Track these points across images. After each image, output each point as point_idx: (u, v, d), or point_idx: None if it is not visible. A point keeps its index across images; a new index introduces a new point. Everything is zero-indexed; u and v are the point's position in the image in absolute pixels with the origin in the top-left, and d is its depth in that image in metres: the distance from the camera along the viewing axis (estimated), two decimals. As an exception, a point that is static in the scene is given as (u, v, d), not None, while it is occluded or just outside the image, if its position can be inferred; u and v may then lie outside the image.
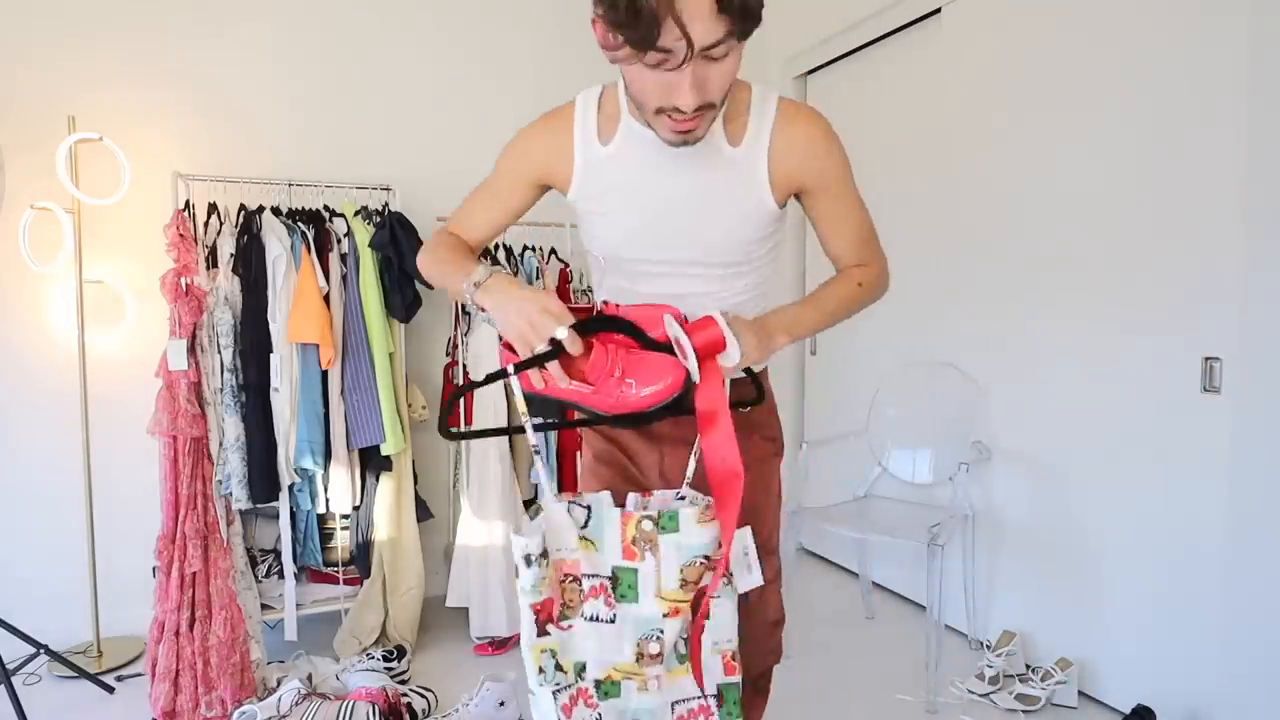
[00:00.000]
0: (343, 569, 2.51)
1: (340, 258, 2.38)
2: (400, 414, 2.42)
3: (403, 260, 2.36)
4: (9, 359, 2.48)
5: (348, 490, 2.38)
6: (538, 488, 2.41)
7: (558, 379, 0.94)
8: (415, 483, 2.54)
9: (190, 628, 2.02)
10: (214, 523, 2.09)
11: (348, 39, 2.83)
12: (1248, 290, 1.73)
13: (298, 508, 2.40)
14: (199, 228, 2.34)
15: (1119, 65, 1.99)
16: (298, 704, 1.91)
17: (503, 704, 1.99)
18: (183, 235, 2.11)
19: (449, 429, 0.95)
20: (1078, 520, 2.15)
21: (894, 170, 2.83)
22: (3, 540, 2.49)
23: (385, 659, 2.22)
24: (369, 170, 2.82)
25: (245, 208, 2.37)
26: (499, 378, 0.95)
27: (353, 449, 2.37)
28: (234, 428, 2.19)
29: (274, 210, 2.37)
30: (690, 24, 0.81)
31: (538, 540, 0.87)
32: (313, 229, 2.37)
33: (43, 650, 2.23)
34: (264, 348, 2.24)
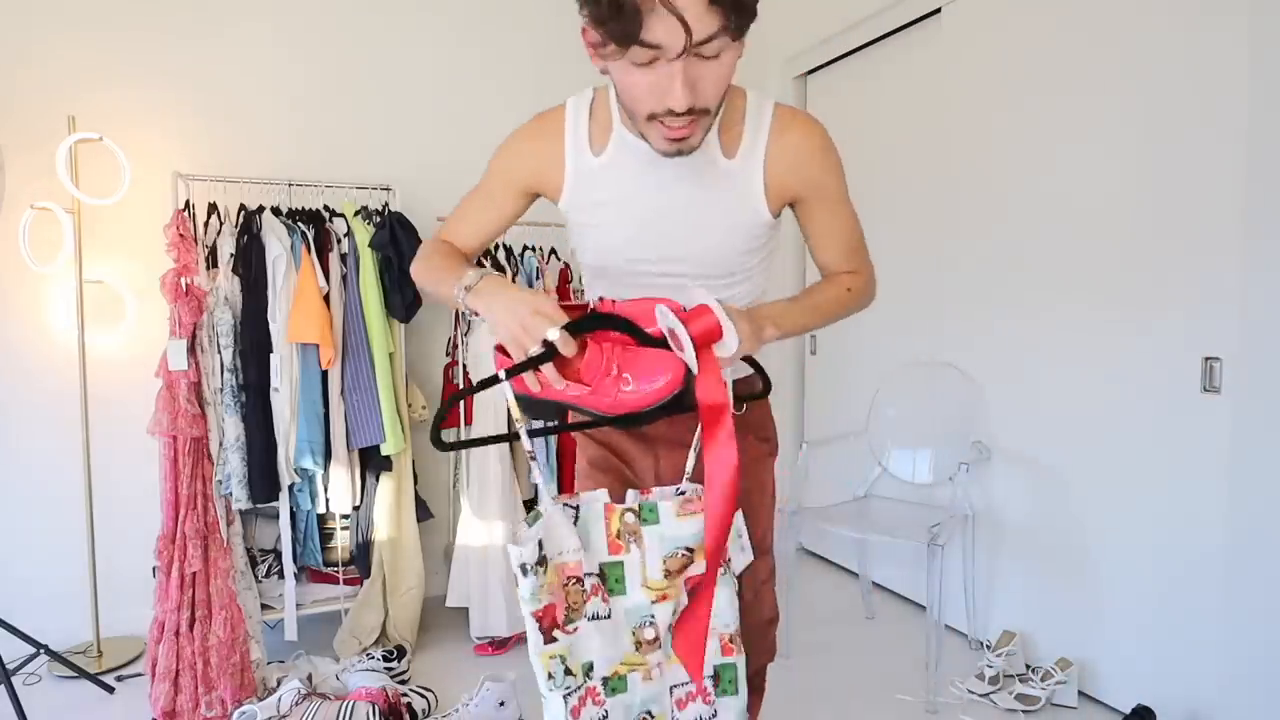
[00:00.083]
0: (343, 569, 2.51)
1: (340, 258, 2.38)
2: (400, 414, 2.42)
3: (403, 260, 2.36)
4: (9, 359, 2.48)
5: (348, 490, 2.38)
6: (537, 488, 2.41)
7: (553, 381, 0.91)
8: (415, 483, 2.54)
9: (190, 628, 2.02)
10: (214, 523, 2.09)
11: (348, 39, 2.83)
12: (1248, 290, 1.73)
13: (298, 508, 2.40)
14: (199, 228, 2.34)
15: (1119, 65, 1.99)
16: (298, 704, 1.91)
17: (503, 704, 1.99)
18: (183, 235, 2.11)
19: (441, 440, 0.91)
20: (1078, 520, 2.15)
21: (894, 170, 2.83)
22: (3, 540, 2.49)
23: (385, 659, 2.22)
24: (369, 170, 2.82)
25: (245, 208, 2.37)
26: (492, 383, 0.92)
27: (353, 449, 2.37)
28: (234, 428, 2.19)
29: (274, 210, 2.37)
30: (683, 14, 0.80)
31: (532, 549, 0.86)
32: (313, 229, 2.37)
33: (43, 650, 2.23)
34: (264, 348, 2.24)
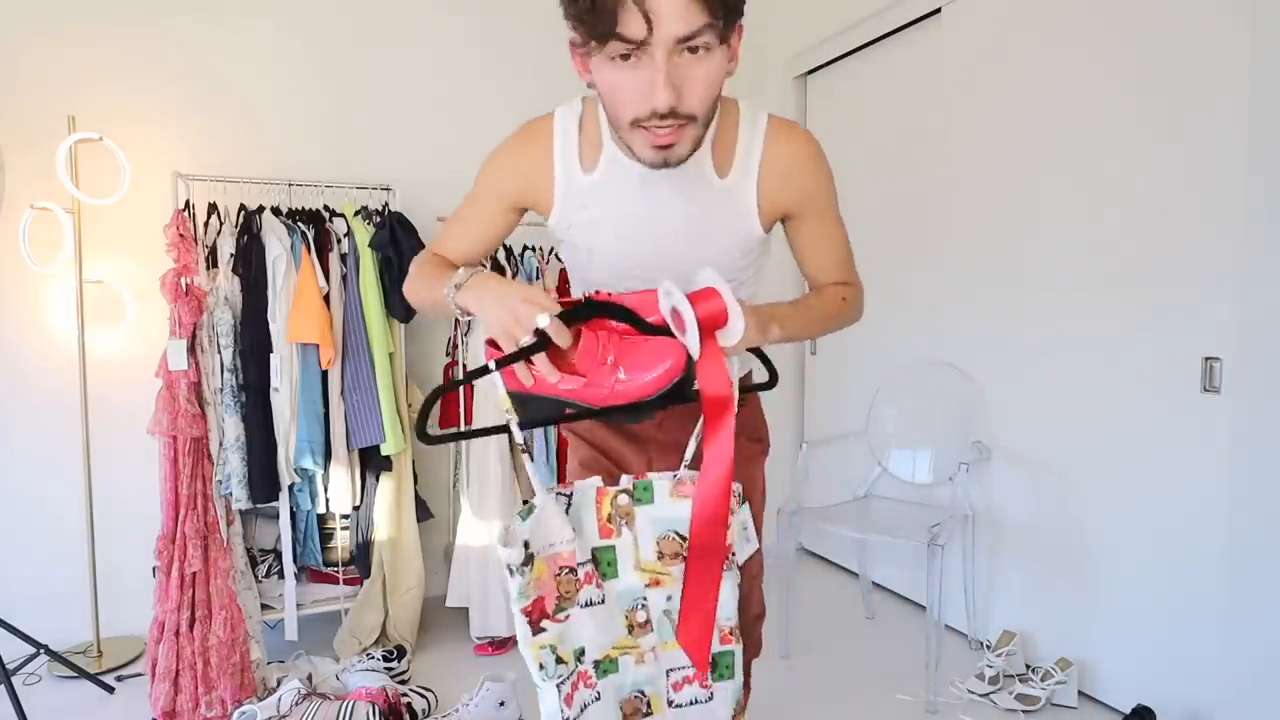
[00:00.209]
0: (343, 569, 2.51)
1: (340, 258, 2.38)
2: (400, 414, 2.42)
3: (402, 260, 2.36)
4: (9, 359, 2.48)
5: (348, 490, 2.38)
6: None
7: (546, 374, 0.88)
8: (415, 483, 2.54)
9: (190, 628, 2.02)
10: (214, 523, 2.09)
11: (348, 39, 2.83)
12: (1248, 290, 1.73)
13: (298, 508, 2.40)
14: (199, 228, 2.34)
15: (1119, 65, 1.99)
16: (298, 704, 1.91)
17: (503, 704, 1.99)
18: (183, 235, 2.11)
19: (426, 433, 0.88)
20: (1078, 520, 2.15)
21: (894, 170, 2.83)
22: (3, 540, 2.49)
23: (385, 659, 2.22)
24: (369, 170, 2.82)
25: (245, 208, 2.37)
26: (481, 374, 0.88)
27: (353, 449, 2.37)
28: (234, 428, 2.19)
29: (274, 210, 2.37)
30: (659, 4, 0.79)
31: (518, 551, 0.85)
32: (313, 229, 2.37)
33: (43, 650, 2.23)
34: (264, 348, 2.24)
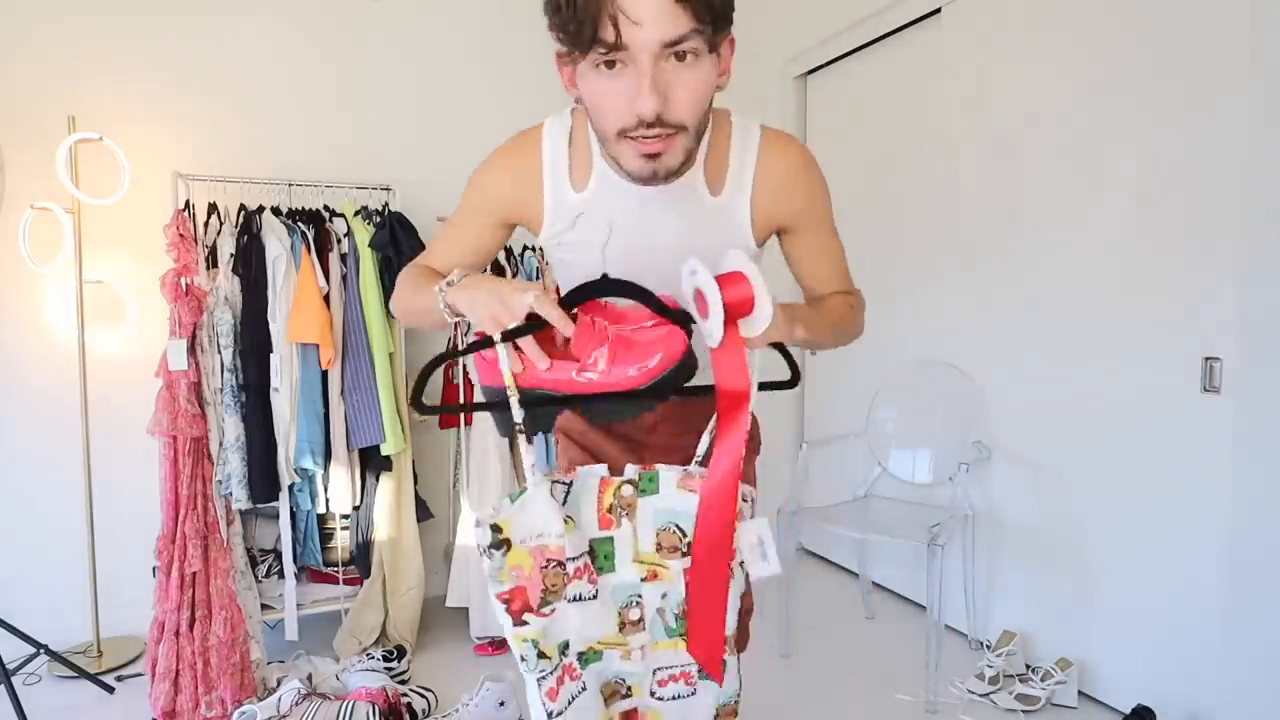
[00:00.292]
0: (343, 569, 2.51)
1: (340, 258, 2.38)
2: (400, 414, 2.42)
3: (402, 260, 2.36)
4: (9, 359, 2.48)
5: (348, 490, 2.38)
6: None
7: (536, 360, 0.85)
8: (415, 483, 2.54)
9: (190, 628, 2.02)
10: (214, 523, 2.09)
11: (348, 39, 2.83)
12: (1248, 290, 1.74)
13: (298, 508, 2.40)
14: (199, 228, 2.34)
15: (1119, 65, 1.99)
16: (298, 704, 1.91)
17: (503, 704, 1.99)
18: (183, 235, 2.11)
19: (422, 404, 0.86)
20: (1078, 520, 2.15)
21: (894, 170, 2.83)
22: (3, 540, 2.49)
23: (385, 659, 2.22)
24: (369, 170, 2.82)
25: (245, 208, 2.37)
26: (487, 345, 0.84)
27: (353, 449, 2.37)
28: (234, 428, 2.19)
29: (274, 210, 2.37)
30: (642, 8, 0.77)
31: (484, 531, 0.84)
32: (313, 229, 2.37)
33: (43, 650, 2.23)
34: (264, 348, 2.24)
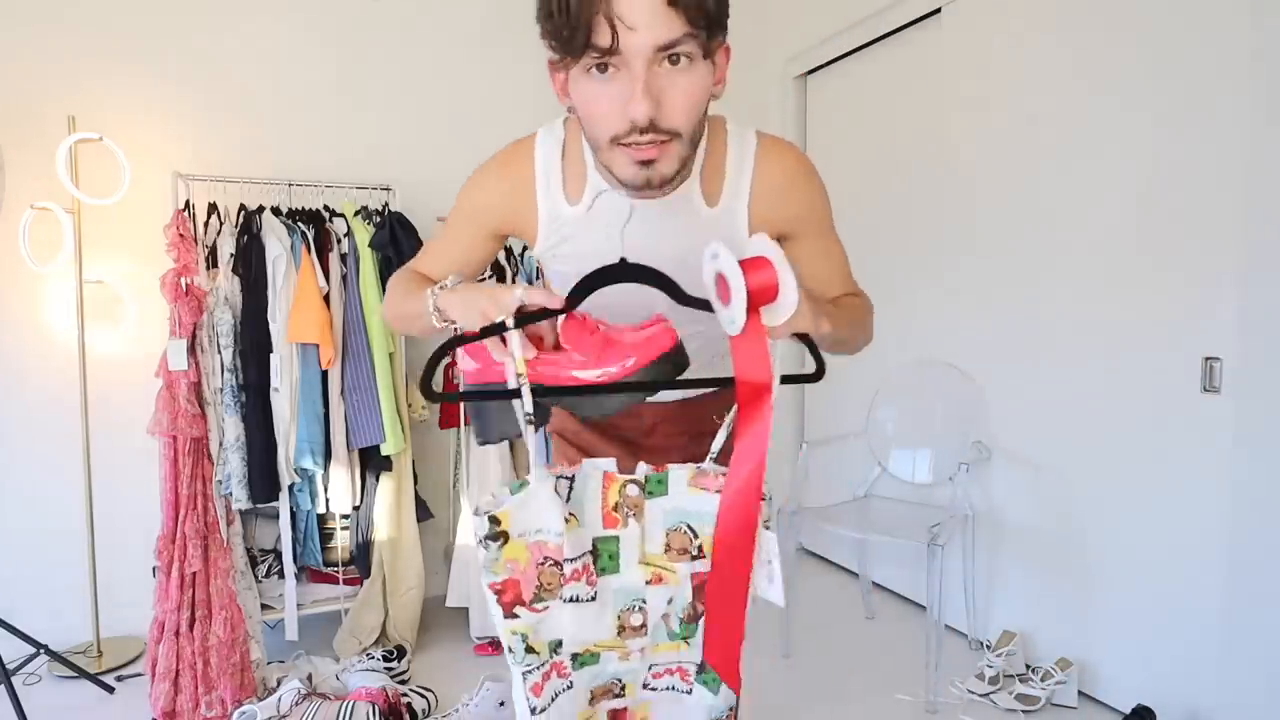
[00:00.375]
0: (343, 569, 2.51)
1: (340, 258, 2.38)
2: (400, 414, 2.42)
3: (402, 260, 2.36)
4: (9, 359, 2.48)
5: (348, 490, 2.38)
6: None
7: (524, 350, 0.85)
8: (415, 483, 2.54)
9: (190, 628, 2.02)
10: (214, 523, 2.09)
11: (348, 39, 2.83)
12: (1248, 290, 1.74)
13: (298, 508, 2.40)
14: (199, 228, 2.34)
15: (1119, 65, 1.99)
16: (298, 704, 1.91)
17: (503, 704, 1.99)
18: (183, 235, 2.11)
19: (431, 390, 0.85)
20: (1078, 520, 2.15)
21: (894, 170, 2.83)
22: (3, 540, 2.49)
23: (385, 659, 2.22)
24: (369, 170, 2.82)
25: (245, 208, 2.37)
26: (499, 330, 0.84)
27: (353, 449, 2.37)
28: (234, 428, 2.19)
29: (274, 210, 2.37)
30: (636, 12, 0.77)
31: (482, 521, 0.83)
32: (313, 229, 2.37)
33: (43, 650, 2.23)
34: (264, 348, 2.24)
